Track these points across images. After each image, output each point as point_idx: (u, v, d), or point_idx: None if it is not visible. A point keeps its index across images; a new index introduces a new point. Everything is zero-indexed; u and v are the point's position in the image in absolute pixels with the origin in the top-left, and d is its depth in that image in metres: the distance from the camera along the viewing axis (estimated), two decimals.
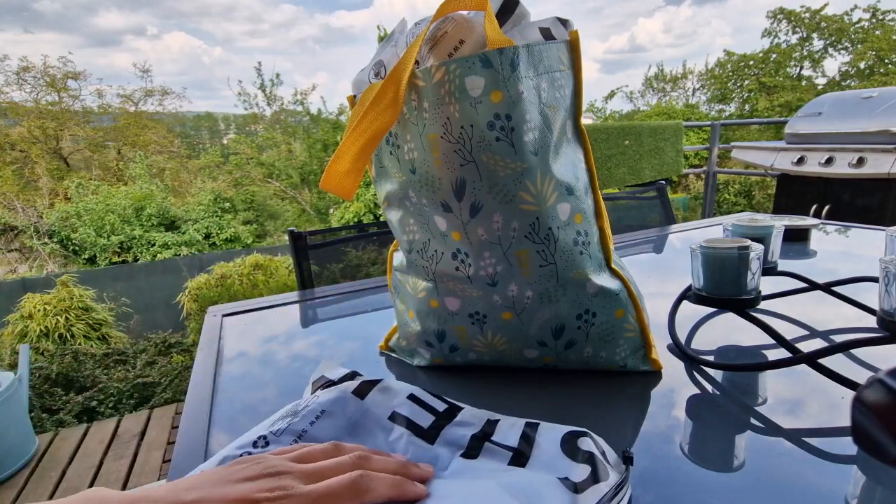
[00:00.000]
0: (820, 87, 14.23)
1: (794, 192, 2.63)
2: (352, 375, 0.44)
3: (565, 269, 0.43)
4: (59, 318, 3.38)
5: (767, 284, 0.58)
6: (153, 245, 7.10)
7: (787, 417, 0.41)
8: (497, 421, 0.38)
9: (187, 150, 12.22)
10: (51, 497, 1.77)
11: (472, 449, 0.36)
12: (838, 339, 0.55)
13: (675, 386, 0.47)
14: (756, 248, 0.50)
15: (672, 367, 0.50)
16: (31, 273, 6.45)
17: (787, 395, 0.44)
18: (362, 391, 0.39)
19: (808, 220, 0.98)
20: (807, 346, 0.47)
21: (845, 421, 0.39)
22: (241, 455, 0.33)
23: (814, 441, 0.38)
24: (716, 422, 0.41)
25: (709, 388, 0.46)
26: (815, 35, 14.62)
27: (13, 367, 2.91)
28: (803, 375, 0.46)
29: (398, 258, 0.52)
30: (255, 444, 0.34)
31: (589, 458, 0.33)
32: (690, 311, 0.62)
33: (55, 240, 7.14)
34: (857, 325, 0.58)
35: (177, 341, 3.53)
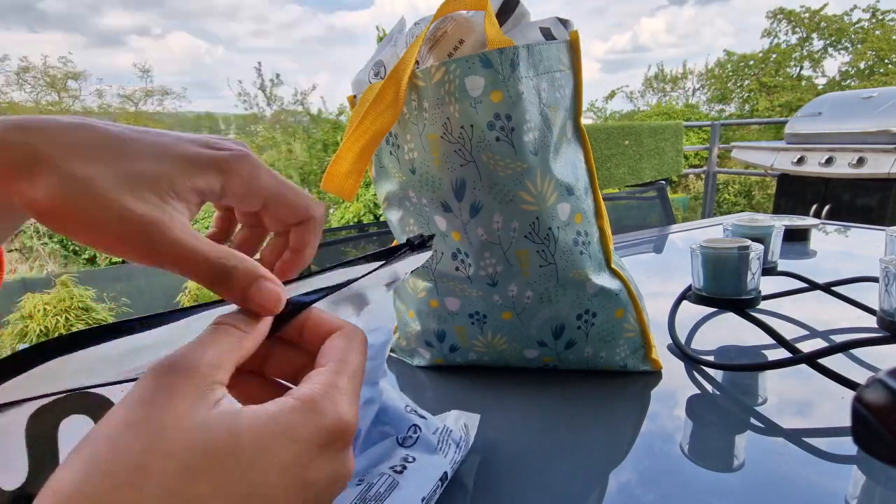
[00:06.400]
0: (820, 87, 14.21)
1: (794, 192, 2.63)
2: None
3: (565, 269, 0.43)
4: (58, 318, 3.38)
5: (767, 284, 0.58)
6: None
7: (787, 417, 0.41)
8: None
9: None
10: None
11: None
12: (838, 339, 0.55)
13: (675, 386, 0.47)
14: (756, 248, 0.50)
15: (672, 367, 0.50)
16: (32, 273, 6.45)
17: (786, 395, 0.44)
18: None
19: (808, 220, 0.98)
20: (807, 346, 0.47)
21: (845, 421, 0.39)
22: None
23: (814, 441, 0.38)
24: (716, 422, 0.41)
25: (709, 388, 0.46)
26: (815, 35, 14.61)
27: None
28: (803, 375, 0.46)
29: None
30: None
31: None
32: (690, 311, 0.62)
33: (55, 239, 7.15)
34: (857, 325, 0.58)
35: None
